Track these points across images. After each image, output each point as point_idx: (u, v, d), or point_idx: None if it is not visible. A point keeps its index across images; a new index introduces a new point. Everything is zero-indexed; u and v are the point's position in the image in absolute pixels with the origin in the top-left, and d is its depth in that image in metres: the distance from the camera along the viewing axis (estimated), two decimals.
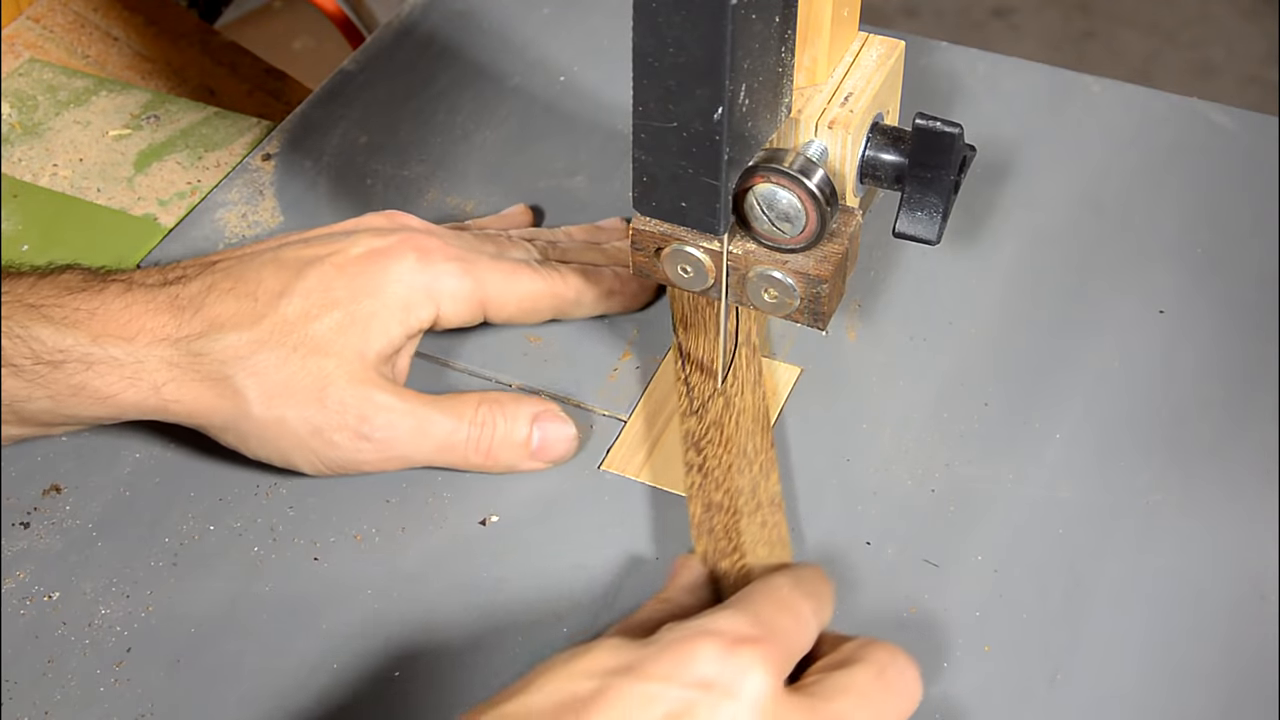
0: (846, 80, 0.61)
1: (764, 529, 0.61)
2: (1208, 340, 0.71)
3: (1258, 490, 0.65)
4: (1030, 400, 0.69)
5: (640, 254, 0.62)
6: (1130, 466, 0.66)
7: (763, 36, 0.53)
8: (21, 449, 0.67)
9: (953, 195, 0.59)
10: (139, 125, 0.85)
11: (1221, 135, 0.82)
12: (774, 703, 0.48)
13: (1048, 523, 0.64)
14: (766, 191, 0.58)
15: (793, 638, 0.51)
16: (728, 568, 0.59)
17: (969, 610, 0.61)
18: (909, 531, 0.64)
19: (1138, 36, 2.30)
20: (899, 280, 0.74)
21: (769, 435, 0.65)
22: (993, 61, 0.87)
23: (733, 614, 0.50)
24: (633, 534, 0.63)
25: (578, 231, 0.73)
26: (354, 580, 0.62)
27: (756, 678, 0.47)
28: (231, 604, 0.62)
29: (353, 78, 0.86)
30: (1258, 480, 0.65)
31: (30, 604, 0.61)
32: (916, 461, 0.66)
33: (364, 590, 0.62)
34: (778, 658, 0.49)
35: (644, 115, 0.54)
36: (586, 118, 0.83)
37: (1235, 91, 2.20)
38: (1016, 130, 0.82)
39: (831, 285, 0.60)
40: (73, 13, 1.03)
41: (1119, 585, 0.62)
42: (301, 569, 0.63)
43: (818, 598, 0.54)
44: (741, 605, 0.51)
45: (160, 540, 0.64)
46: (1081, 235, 0.77)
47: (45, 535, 0.64)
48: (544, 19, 0.90)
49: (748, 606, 0.51)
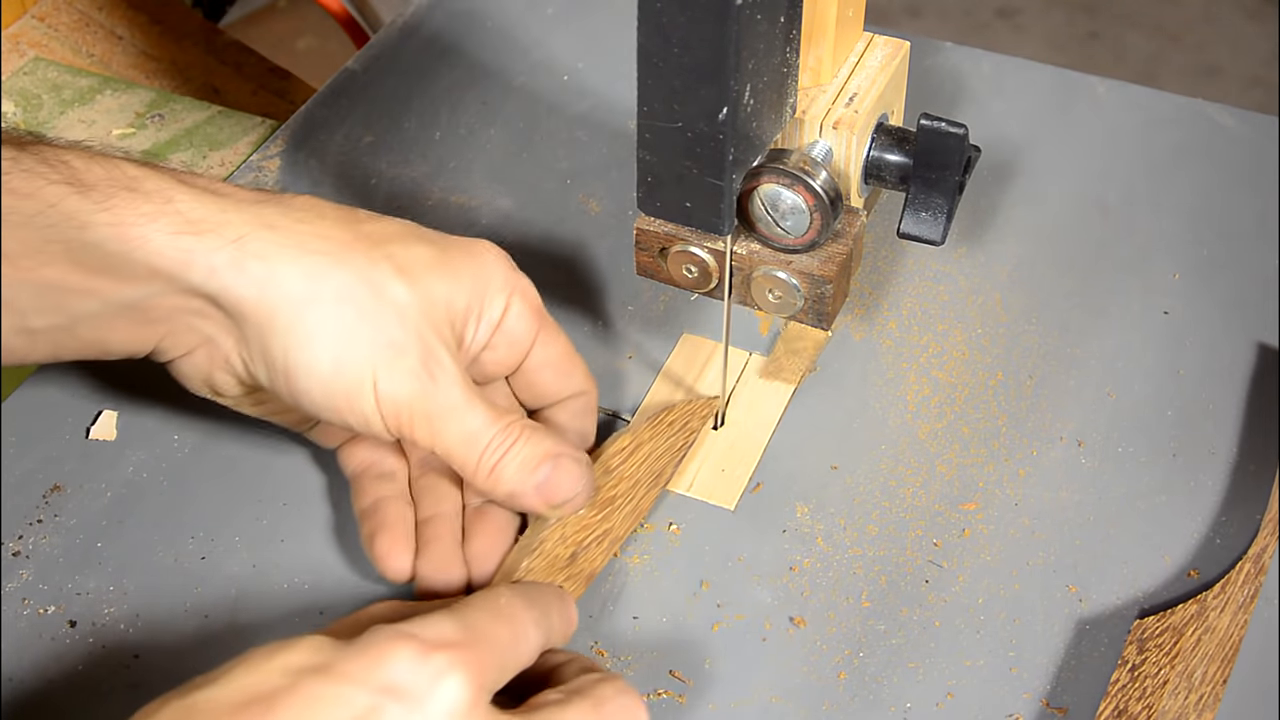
0: (851, 81, 0.61)
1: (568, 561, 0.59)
2: (1212, 340, 0.71)
3: (1259, 491, 0.65)
4: (1034, 400, 0.69)
5: (644, 254, 0.62)
6: (1133, 466, 0.66)
7: (768, 37, 0.53)
8: (22, 449, 0.67)
9: (957, 196, 0.59)
10: (143, 124, 0.85)
11: (1225, 136, 0.82)
12: (470, 715, 0.46)
13: (1050, 523, 0.64)
14: (771, 192, 0.58)
15: (504, 648, 0.49)
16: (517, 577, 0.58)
17: (973, 611, 0.61)
18: (913, 531, 0.64)
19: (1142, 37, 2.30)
20: (903, 280, 0.74)
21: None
22: (997, 62, 0.87)
23: (439, 618, 0.48)
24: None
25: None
26: (358, 580, 0.62)
27: (451, 686, 0.46)
28: (235, 604, 0.62)
29: (357, 77, 0.86)
30: (1259, 480, 0.65)
31: (32, 604, 0.61)
32: (920, 461, 0.66)
33: (377, 589, 0.62)
34: (481, 667, 0.47)
35: (648, 115, 0.54)
36: (591, 118, 0.83)
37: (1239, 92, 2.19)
38: (1021, 131, 0.82)
39: (836, 285, 0.60)
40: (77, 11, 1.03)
41: (1120, 585, 0.62)
42: (304, 570, 0.63)
43: (544, 612, 0.52)
44: (452, 611, 0.50)
45: (162, 540, 0.64)
46: (1085, 235, 0.77)
47: (47, 535, 0.64)
48: (548, 18, 0.90)
49: (459, 612, 0.49)
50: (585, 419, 0.64)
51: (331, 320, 0.55)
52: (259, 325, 0.56)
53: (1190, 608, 0.60)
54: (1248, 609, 0.60)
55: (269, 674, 0.46)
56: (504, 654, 0.49)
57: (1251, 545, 0.62)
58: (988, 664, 0.60)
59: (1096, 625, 0.61)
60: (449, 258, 0.59)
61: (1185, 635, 0.59)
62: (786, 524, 0.64)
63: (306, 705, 0.45)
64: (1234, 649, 0.59)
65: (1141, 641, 0.59)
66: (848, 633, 0.60)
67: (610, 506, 0.61)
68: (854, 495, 0.65)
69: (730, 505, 0.65)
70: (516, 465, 0.57)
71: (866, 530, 0.64)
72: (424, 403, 0.56)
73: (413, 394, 0.56)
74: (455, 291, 0.58)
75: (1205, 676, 0.58)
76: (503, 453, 0.57)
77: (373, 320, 0.56)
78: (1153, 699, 0.57)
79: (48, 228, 0.54)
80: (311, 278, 0.56)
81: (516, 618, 0.51)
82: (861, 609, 0.61)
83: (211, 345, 0.58)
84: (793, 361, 0.70)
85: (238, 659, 0.47)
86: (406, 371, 0.56)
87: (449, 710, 0.46)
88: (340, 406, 0.56)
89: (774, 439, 0.67)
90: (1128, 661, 0.58)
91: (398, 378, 0.56)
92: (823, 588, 0.62)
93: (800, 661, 0.60)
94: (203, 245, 0.55)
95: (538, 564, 0.58)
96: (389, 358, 0.56)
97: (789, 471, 0.66)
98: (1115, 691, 0.58)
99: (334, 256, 0.56)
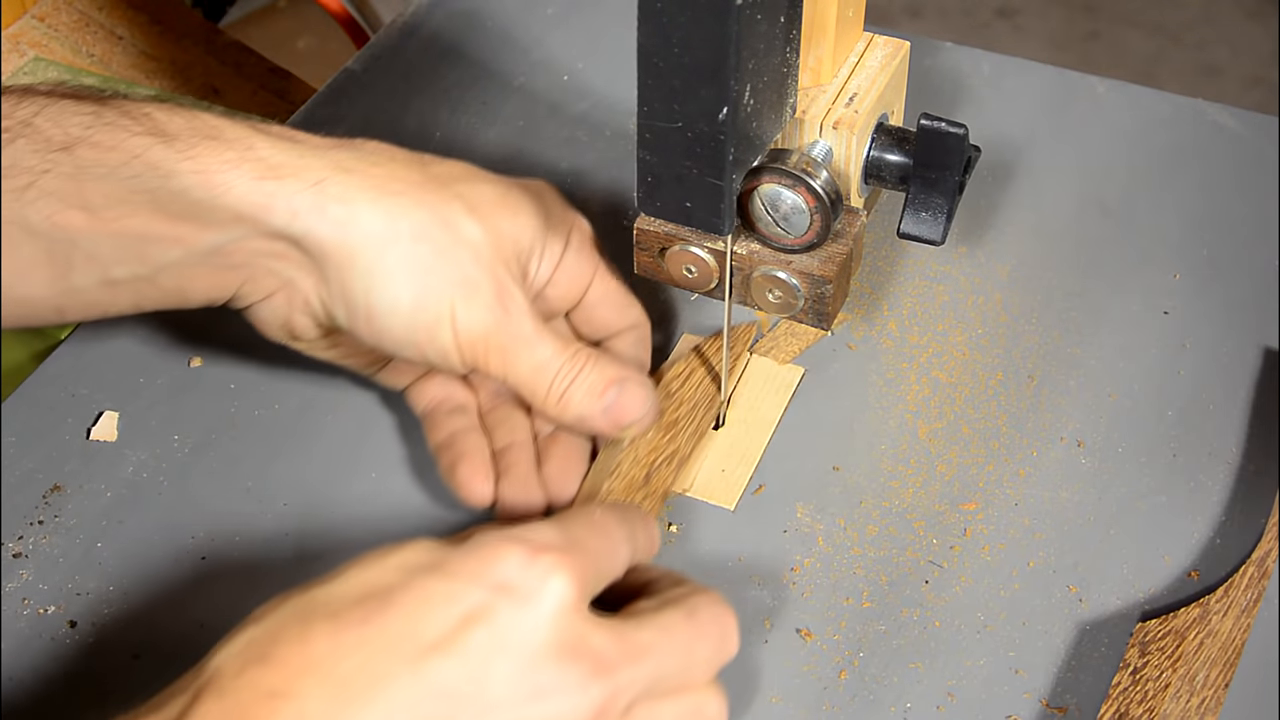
0: (851, 81, 0.61)
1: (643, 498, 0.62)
2: (1212, 340, 0.71)
3: (1259, 491, 0.65)
4: (1034, 400, 0.69)
5: (645, 254, 0.62)
6: (1133, 467, 0.66)
7: (768, 37, 0.53)
8: (22, 449, 0.67)
9: (957, 196, 0.59)
10: None
11: (1225, 136, 0.82)
12: (575, 615, 0.48)
13: (1051, 523, 0.64)
14: (771, 192, 0.58)
15: (601, 556, 0.51)
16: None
17: (973, 611, 0.61)
18: (912, 532, 0.64)
19: (1142, 37, 2.30)
20: (903, 280, 0.74)
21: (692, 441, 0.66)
22: (997, 62, 0.87)
23: (542, 526, 0.50)
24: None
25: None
26: None
27: (557, 585, 0.47)
28: (237, 603, 0.62)
29: (357, 77, 0.86)
30: (1259, 481, 0.65)
31: (32, 604, 0.61)
32: (920, 461, 0.66)
33: None
34: (581, 570, 0.49)
35: (648, 115, 0.54)
36: (591, 118, 0.83)
37: (1239, 92, 2.19)
38: (1021, 131, 0.82)
39: (836, 286, 0.60)
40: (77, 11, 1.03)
41: (1120, 586, 0.62)
42: (306, 570, 0.63)
43: (632, 529, 0.54)
44: (553, 521, 0.52)
45: (162, 540, 0.64)
46: (1085, 235, 0.77)
47: (47, 535, 0.64)
48: (548, 18, 0.90)
49: (559, 522, 0.51)
50: (642, 349, 0.66)
51: (410, 259, 0.58)
52: (340, 266, 0.58)
53: (1193, 611, 0.60)
54: (1250, 613, 0.60)
55: (384, 571, 0.48)
56: (601, 561, 0.51)
57: (1255, 549, 0.62)
58: (988, 664, 0.60)
59: (1097, 625, 0.61)
60: (513, 196, 0.61)
61: (1188, 639, 0.59)
62: (786, 524, 0.64)
63: (421, 601, 0.47)
64: (1236, 653, 0.59)
65: (1144, 644, 0.59)
66: (848, 633, 0.60)
67: (674, 429, 0.65)
68: (854, 495, 0.65)
69: (730, 505, 0.65)
70: (584, 391, 0.60)
71: (867, 530, 0.64)
72: (498, 335, 0.59)
73: (488, 327, 0.58)
74: (521, 229, 0.60)
75: (1207, 680, 0.58)
76: (571, 379, 0.60)
77: (449, 257, 0.58)
78: (1154, 702, 0.57)
79: (132, 178, 0.56)
80: (390, 218, 0.58)
81: (610, 530, 0.52)
82: (862, 609, 0.61)
83: (291, 288, 0.60)
84: (789, 342, 0.70)
85: (352, 560, 0.49)
86: (482, 305, 0.58)
87: (556, 608, 0.47)
88: (420, 341, 0.59)
89: (774, 439, 0.67)
90: (1129, 664, 0.58)
91: (475, 312, 0.58)
92: (823, 588, 0.62)
93: (800, 662, 0.60)
94: (284, 189, 0.57)
95: (617, 485, 0.62)
96: (466, 293, 0.58)
97: (789, 471, 0.66)
98: (1117, 694, 0.58)
99: (409, 197, 0.58)
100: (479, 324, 0.58)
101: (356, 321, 0.59)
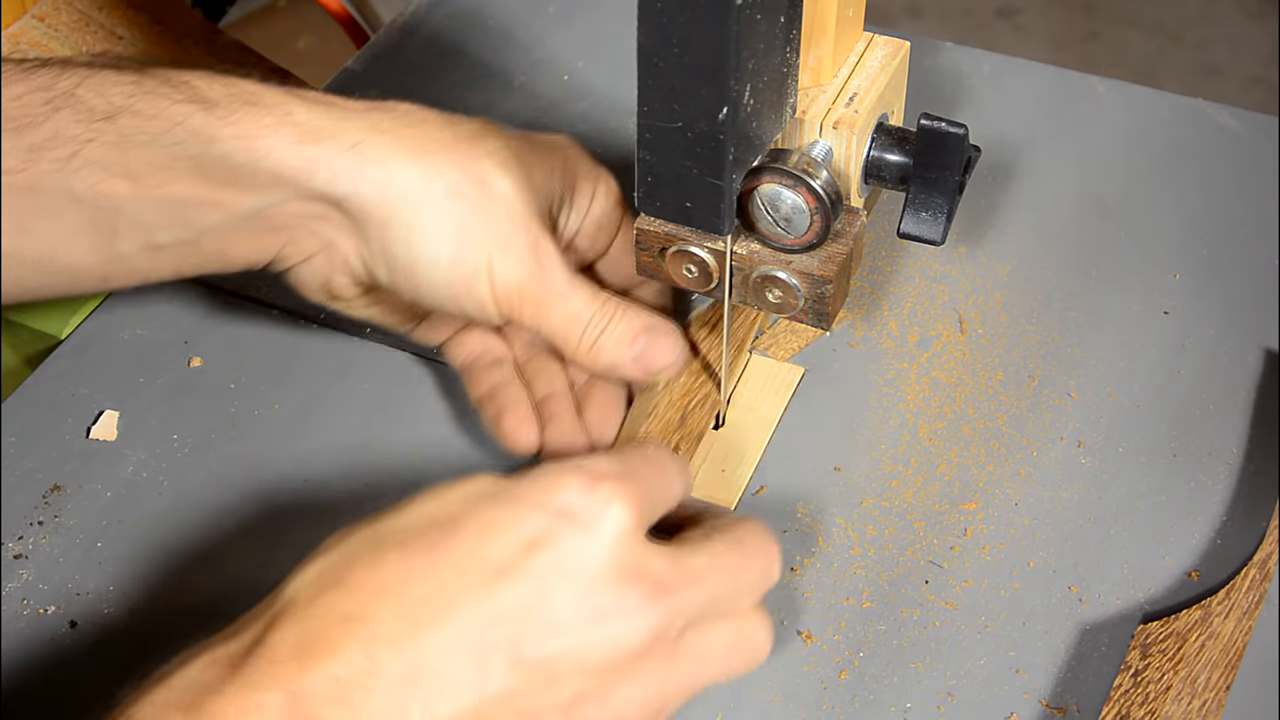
0: (851, 81, 0.61)
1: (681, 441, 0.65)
2: (1212, 340, 0.71)
3: (1260, 491, 0.65)
4: (1034, 400, 0.69)
5: (645, 254, 0.62)
6: (1133, 467, 0.66)
7: (768, 37, 0.53)
8: (22, 449, 0.67)
9: (957, 196, 0.59)
10: None
11: (1225, 136, 0.82)
12: (633, 541, 0.49)
13: (1051, 523, 0.64)
14: (771, 192, 0.58)
15: (656, 487, 0.52)
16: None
17: (974, 611, 0.61)
18: (912, 532, 0.64)
19: (1142, 37, 2.30)
20: (903, 280, 0.74)
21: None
22: (997, 62, 0.87)
23: (600, 457, 0.52)
24: None
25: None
26: None
27: (616, 512, 0.49)
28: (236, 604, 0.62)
29: (357, 77, 0.86)
30: (1259, 481, 0.65)
31: (32, 604, 0.61)
32: (920, 461, 0.66)
33: None
34: (639, 498, 0.50)
35: (648, 115, 0.54)
36: (591, 117, 0.83)
37: (1239, 92, 2.19)
38: (1021, 131, 0.82)
39: (836, 286, 0.60)
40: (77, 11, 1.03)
41: (1120, 586, 0.62)
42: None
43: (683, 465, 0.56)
44: (610, 453, 0.53)
45: (163, 540, 0.64)
46: (1086, 235, 0.77)
47: (47, 535, 0.64)
48: (549, 18, 0.90)
49: (615, 454, 0.53)
50: (668, 297, 0.69)
51: (448, 215, 0.59)
52: (380, 225, 0.60)
53: (1194, 613, 0.60)
54: (1252, 615, 0.60)
55: (448, 502, 0.49)
56: (655, 492, 0.52)
57: (1256, 551, 0.62)
58: (988, 664, 0.60)
59: (1097, 625, 0.61)
60: (539, 152, 0.63)
61: (1189, 641, 0.59)
62: (786, 524, 0.64)
63: (485, 527, 0.48)
64: (1238, 655, 0.59)
65: (1145, 646, 0.59)
66: (848, 633, 0.60)
67: (705, 373, 0.67)
68: (854, 495, 0.65)
69: (730, 505, 0.65)
70: (615, 339, 0.62)
71: (867, 530, 0.64)
72: (533, 287, 0.60)
73: (522, 279, 0.60)
74: (549, 182, 0.63)
75: (1208, 682, 0.58)
76: (602, 329, 0.61)
77: (484, 213, 0.60)
78: (1155, 704, 0.57)
79: (174, 145, 0.57)
80: (426, 177, 0.59)
81: (664, 464, 0.54)
82: (862, 609, 0.61)
83: (331, 249, 0.61)
84: (789, 339, 0.70)
85: (417, 494, 0.50)
86: (517, 259, 0.60)
87: (615, 535, 0.48)
88: (459, 294, 0.60)
89: (774, 439, 0.67)
90: (1131, 666, 0.58)
91: (510, 264, 0.60)
92: (823, 588, 0.62)
93: (801, 662, 0.60)
94: (324, 152, 0.59)
95: (655, 427, 0.65)
96: (501, 246, 0.60)
97: (789, 471, 0.66)
98: (1118, 696, 0.58)
99: (443, 156, 0.60)
100: (514, 276, 0.60)
101: (397, 278, 0.60)
